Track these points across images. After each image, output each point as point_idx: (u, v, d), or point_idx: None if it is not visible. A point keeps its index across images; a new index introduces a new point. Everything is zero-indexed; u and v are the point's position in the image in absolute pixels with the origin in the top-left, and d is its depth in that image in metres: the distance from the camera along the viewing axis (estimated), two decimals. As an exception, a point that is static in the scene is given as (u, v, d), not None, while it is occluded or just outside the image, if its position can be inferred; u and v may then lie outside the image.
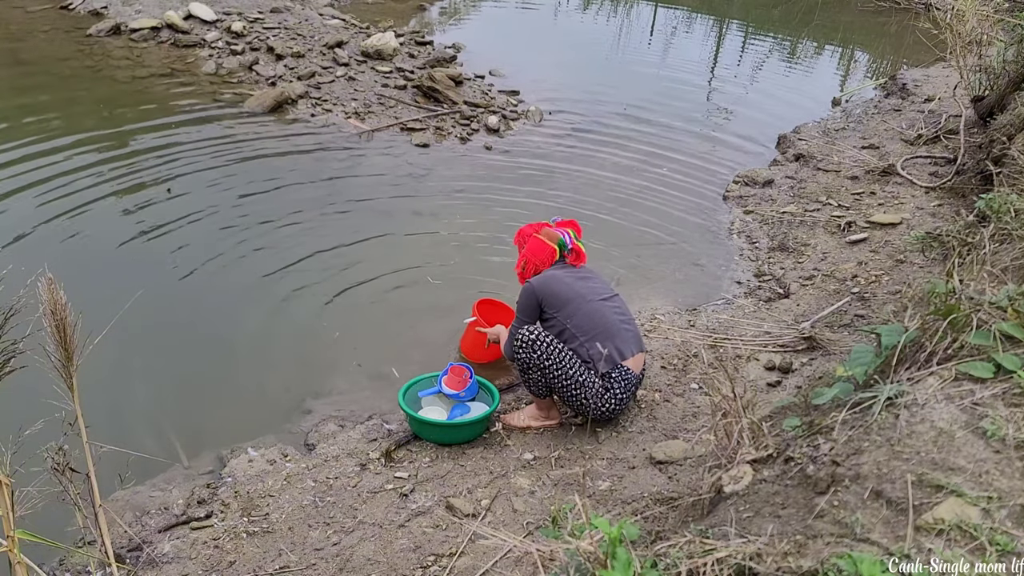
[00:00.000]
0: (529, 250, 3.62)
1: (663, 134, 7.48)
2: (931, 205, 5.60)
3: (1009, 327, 2.02)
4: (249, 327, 4.27)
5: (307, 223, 5.32)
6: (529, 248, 3.62)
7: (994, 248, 3.15)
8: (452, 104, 7.47)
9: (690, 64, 10.11)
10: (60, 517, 2.32)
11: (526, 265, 3.64)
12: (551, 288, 3.47)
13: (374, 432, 3.57)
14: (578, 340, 3.40)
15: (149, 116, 6.73)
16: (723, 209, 6.08)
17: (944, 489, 1.56)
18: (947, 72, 8.53)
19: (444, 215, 5.62)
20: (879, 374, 2.21)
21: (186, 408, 3.68)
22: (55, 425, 2.19)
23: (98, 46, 8.23)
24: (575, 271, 3.60)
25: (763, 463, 2.11)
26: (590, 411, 3.41)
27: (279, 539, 2.92)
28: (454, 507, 3.06)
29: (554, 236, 3.60)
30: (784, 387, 3.75)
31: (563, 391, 3.39)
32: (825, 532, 1.59)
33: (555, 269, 3.57)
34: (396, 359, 4.11)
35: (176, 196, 5.47)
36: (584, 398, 3.38)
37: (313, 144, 6.55)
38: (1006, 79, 6.06)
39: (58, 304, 1.98)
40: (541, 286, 3.49)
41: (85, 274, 4.48)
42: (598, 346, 3.35)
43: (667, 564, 1.58)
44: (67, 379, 2.10)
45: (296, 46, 8.30)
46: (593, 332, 3.40)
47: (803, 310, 4.50)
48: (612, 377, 3.38)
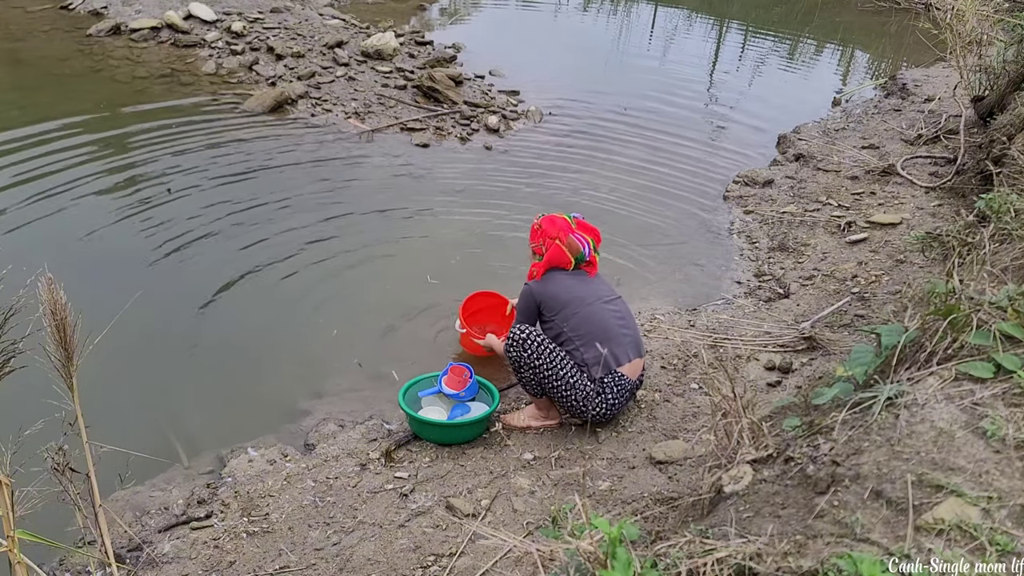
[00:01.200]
0: (548, 257, 3.52)
1: (663, 134, 7.48)
2: (931, 205, 5.60)
3: (1009, 327, 2.02)
4: (249, 327, 4.27)
5: (307, 224, 5.32)
6: (549, 255, 3.52)
7: (994, 248, 3.15)
8: (452, 104, 7.47)
9: (690, 64, 10.11)
10: (60, 517, 2.33)
11: (538, 269, 3.56)
12: (549, 291, 3.46)
13: (374, 432, 3.57)
14: (574, 344, 3.39)
15: (149, 116, 6.73)
16: (723, 209, 6.08)
17: (944, 489, 1.56)
18: (947, 72, 8.53)
19: (444, 215, 5.62)
20: (879, 374, 2.21)
21: (186, 408, 3.68)
22: (55, 425, 2.20)
23: (98, 46, 8.23)
24: (579, 275, 3.56)
25: (763, 463, 2.11)
26: (580, 413, 3.41)
27: (279, 539, 2.92)
28: (454, 507, 3.06)
29: (575, 248, 3.50)
30: (784, 387, 3.75)
31: (554, 392, 3.39)
32: (825, 532, 1.59)
33: (559, 272, 3.55)
34: (396, 359, 4.11)
35: (176, 196, 5.47)
36: (575, 400, 3.37)
37: (313, 144, 6.55)
38: (1006, 79, 6.06)
39: (58, 304, 1.99)
40: (540, 289, 3.48)
41: (85, 274, 4.48)
42: (595, 349, 3.35)
43: (667, 564, 1.58)
44: (67, 379, 2.10)
45: (296, 46, 8.30)
46: (589, 336, 3.38)
47: (803, 310, 4.50)
48: (605, 382, 3.38)
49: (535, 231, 3.60)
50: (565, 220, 3.57)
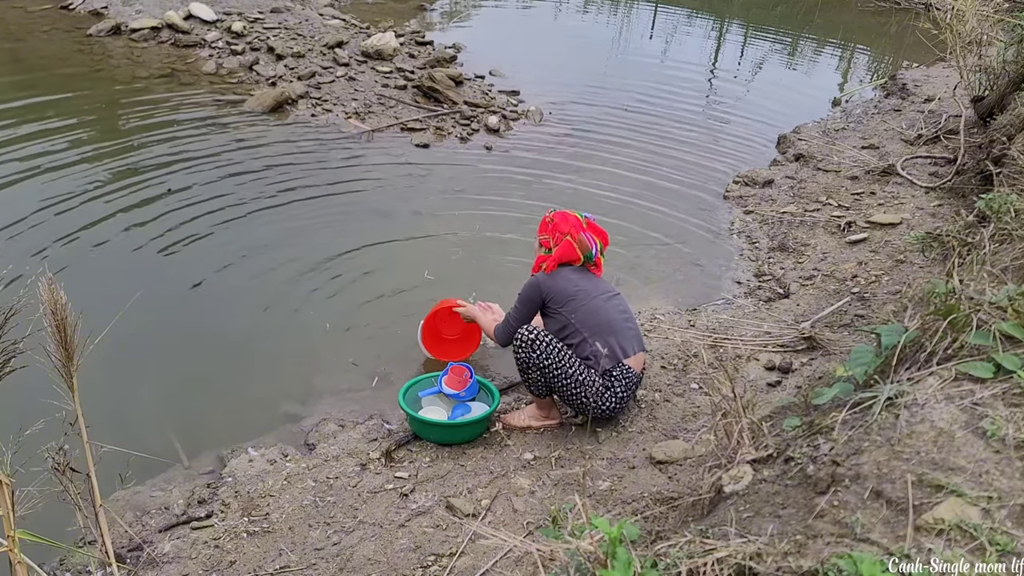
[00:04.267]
0: (559, 252, 3.53)
1: (663, 134, 7.49)
2: (931, 205, 5.60)
3: (1009, 327, 2.02)
4: (249, 327, 4.27)
5: (307, 224, 5.32)
6: (560, 251, 3.53)
7: (994, 248, 3.15)
8: (452, 104, 7.47)
9: (690, 64, 10.11)
10: (60, 517, 2.32)
11: (547, 263, 3.55)
12: (557, 284, 3.48)
13: (374, 432, 3.57)
14: (581, 335, 3.41)
15: (149, 116, 6.73)
16: (723, 209, 6.08)
17: (944, 489, 1.56)
18: (947, 72, 8.53)
19: (444, 215, 5.62)
20: (879, 374, 2.21)
21: (186, 408, 3.68)
22: (55, 425, 2.20)
23: (98, 46, 8.23)
24: (584, 272, 3.60)
25: (763, 463, 2.11)
26: (590, 410, 3.41)
27: (279, 539, 2.93)
28: (454, 507, 3.06)
29: (585, 247, 3.54)
30: (784, 387, 3.75)
31: (563, 390, 3.39)
32: (825, 532, 1.59)
33: (567, 268, 3.56)
34: (396, 359, 4.12)
35: (175, 195, 5.47)
36: (584, 396, 3.38)
37: (313, 144, 6.55)
38: (1006, 79, 6.06)
39: (58, 304, 1.98)
40: (548, 283, 3.49)
41: (85, 274, 4.48)
42: (599, 345, 3.36)
43: (667, 564, 1.58)
44: (67, 379, 2.10)
45: (296, 46, 8.30)
46: (596, 328, 3.41)
47: (803, 310, 4.50)
48: (613, 375, 3.38)
49: (545, 224, 3.60)
50: (577, 218, 3.59)
